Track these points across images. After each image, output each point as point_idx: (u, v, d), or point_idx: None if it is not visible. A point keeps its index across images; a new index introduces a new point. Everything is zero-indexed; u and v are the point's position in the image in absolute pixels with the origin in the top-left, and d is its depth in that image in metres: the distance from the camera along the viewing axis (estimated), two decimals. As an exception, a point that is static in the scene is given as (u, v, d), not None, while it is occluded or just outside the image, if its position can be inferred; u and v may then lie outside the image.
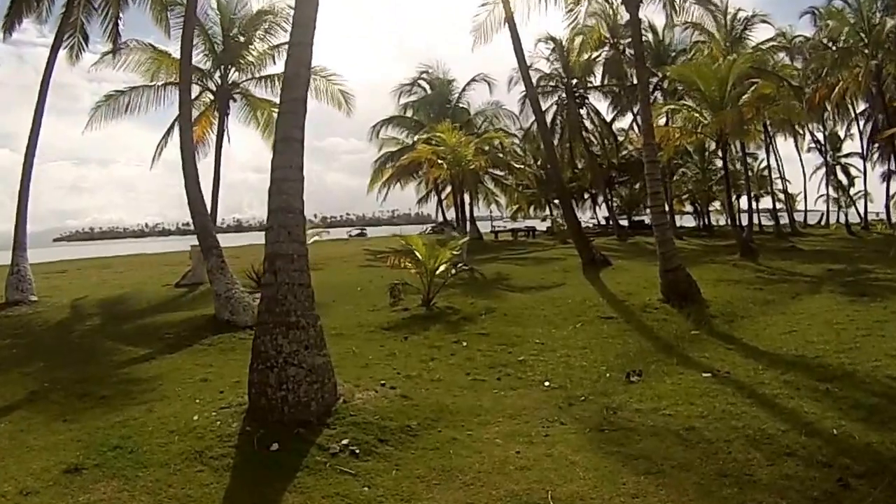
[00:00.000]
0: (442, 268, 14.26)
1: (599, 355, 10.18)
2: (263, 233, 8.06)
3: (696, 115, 26.12)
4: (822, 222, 52.46)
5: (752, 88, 25.89)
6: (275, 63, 22.84)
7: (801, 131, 46.57)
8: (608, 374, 9.08)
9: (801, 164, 50.06)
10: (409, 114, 36.07)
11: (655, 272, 17.73)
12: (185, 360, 11.00)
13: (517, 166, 36.84)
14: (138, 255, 39.00)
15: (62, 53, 19.32)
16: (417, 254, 14.52)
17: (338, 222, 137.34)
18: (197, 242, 21.82)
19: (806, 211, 53.65)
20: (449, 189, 37.73)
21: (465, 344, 11.04)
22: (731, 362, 9.47)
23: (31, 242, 18.42)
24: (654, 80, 39.98)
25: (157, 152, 23.94)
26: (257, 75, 22.91)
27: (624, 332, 11.74)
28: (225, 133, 22.56)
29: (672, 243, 14.26)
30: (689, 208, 54.20)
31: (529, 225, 48.43)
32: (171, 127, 23.78)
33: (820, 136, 49.17)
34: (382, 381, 8.61)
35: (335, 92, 22.44)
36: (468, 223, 43.45)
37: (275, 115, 24.13)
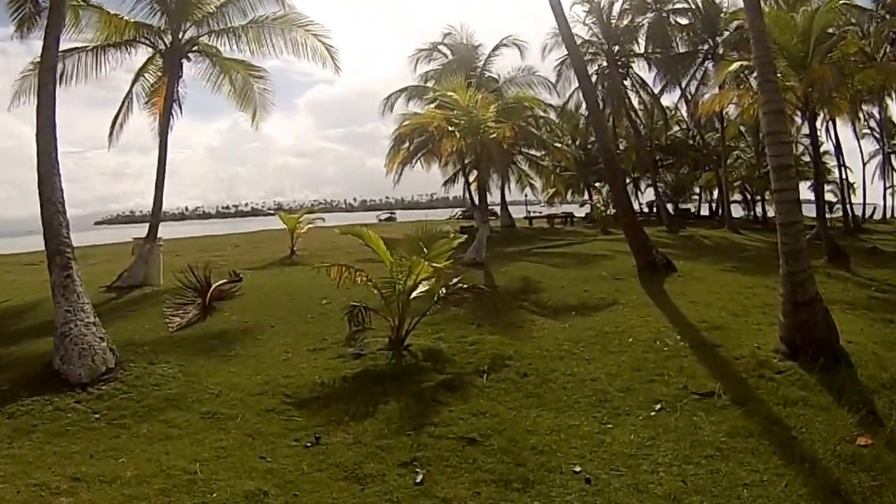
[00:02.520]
0: (422, 287, 8.34)
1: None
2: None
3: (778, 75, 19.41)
4: (878, 216, 44.86)
5: (842, 43, 19.52)
6: (244, 15, 16.96)
7: (858, 115, 38.96)
8: None
9: (861, 152, 42.38)
10: (429, 84, 29.60)
11: (736, 283, 13.45)
12: None
13: (555, 145, 30.41)
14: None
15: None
16: (386, 263, 8.61)
17: (376, 206, 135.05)
18: (145, 234, 16.68)
19: (864, 204, 45.91)
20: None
21: (420, 478, 5.00)
22: None
23: (74, 226, 14.34)
24: (704, 47, 33.02)
25: (113, 127, 18.33)
26: (216, 28, 16.92)
27: (745, 443, 5.65)
28: (176, 103, 16.88)
29: (805, 258, 7.96)
30: (735, 196, 46.34)
31: (567, 211, 41.71)
32: (128, 95, 18.19)
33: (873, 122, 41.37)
34: None
35: (317, 46, 16.53)
36: (499, 208, 37.34)
37: (252, 80, 18.69)
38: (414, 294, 8.17)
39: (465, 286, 8.33)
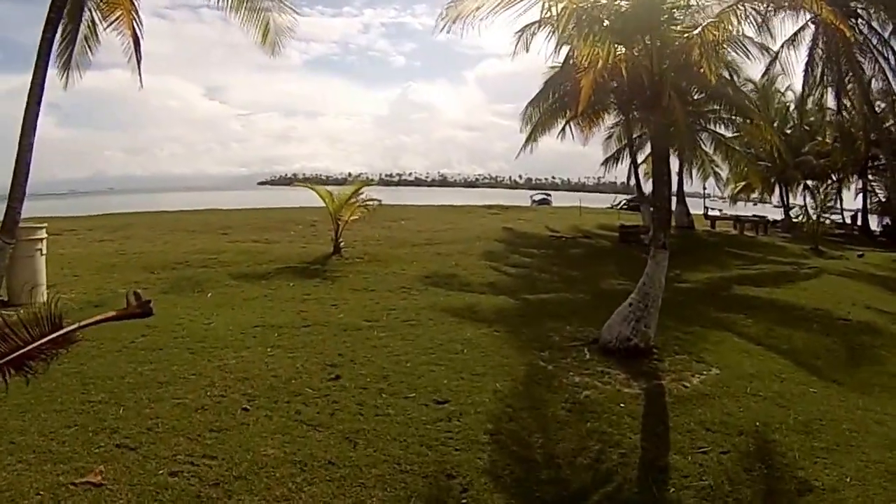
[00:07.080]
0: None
1: None
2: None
3: None
4: None
5: None
6: None
7: None
8: None
9: None
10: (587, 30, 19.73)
11: None
12: None
13: (758, 122, 20.27)
14: (222, 210, 26.90)
15: None
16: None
17: (541, 185, 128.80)
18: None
19: None
20: (649, 149, 21.56)
21: None
22: None
23: (238, 184, 9.17)
24: None
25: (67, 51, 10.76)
26: None
27: None
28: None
29: None
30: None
31: (760, 214, 29.50)
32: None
33: None
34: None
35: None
36: (675, 201, 25.94)
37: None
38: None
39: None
